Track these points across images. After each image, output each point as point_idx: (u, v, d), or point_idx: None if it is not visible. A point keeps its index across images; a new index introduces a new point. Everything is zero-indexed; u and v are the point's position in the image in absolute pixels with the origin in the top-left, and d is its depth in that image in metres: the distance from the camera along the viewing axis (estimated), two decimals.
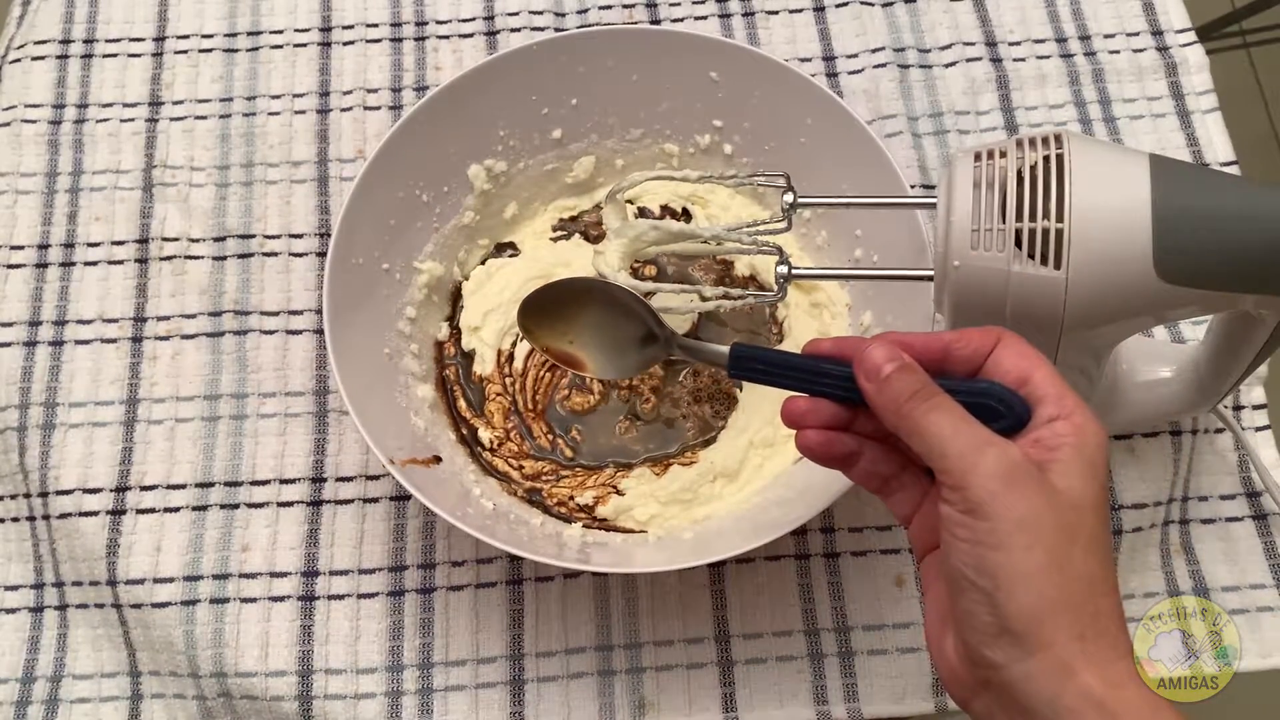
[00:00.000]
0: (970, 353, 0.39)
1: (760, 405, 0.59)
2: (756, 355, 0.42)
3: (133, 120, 0.70)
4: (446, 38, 0.72)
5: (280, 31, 0.73)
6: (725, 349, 0.43)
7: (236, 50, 0.72)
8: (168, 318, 0.64)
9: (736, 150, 0.63)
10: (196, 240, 0.66)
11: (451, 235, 0.62)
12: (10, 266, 0.66)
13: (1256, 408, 0.62)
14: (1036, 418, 0.37)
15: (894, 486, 0.41)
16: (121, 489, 0.60)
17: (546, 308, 0.50)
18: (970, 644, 0.36)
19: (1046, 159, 0.43)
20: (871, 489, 0.41)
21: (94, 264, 0.66)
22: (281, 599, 0.58)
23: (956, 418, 0.37)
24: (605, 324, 0.50)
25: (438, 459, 0.57)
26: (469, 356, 0.62)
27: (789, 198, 0.51)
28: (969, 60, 0.71)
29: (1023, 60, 0.71)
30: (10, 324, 0.64)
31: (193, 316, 0.64)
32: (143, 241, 0.66)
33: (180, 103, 0.70)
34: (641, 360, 0.50)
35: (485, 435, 0.60)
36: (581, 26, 0.72)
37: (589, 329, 0.50)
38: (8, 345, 0.64)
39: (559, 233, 0.65)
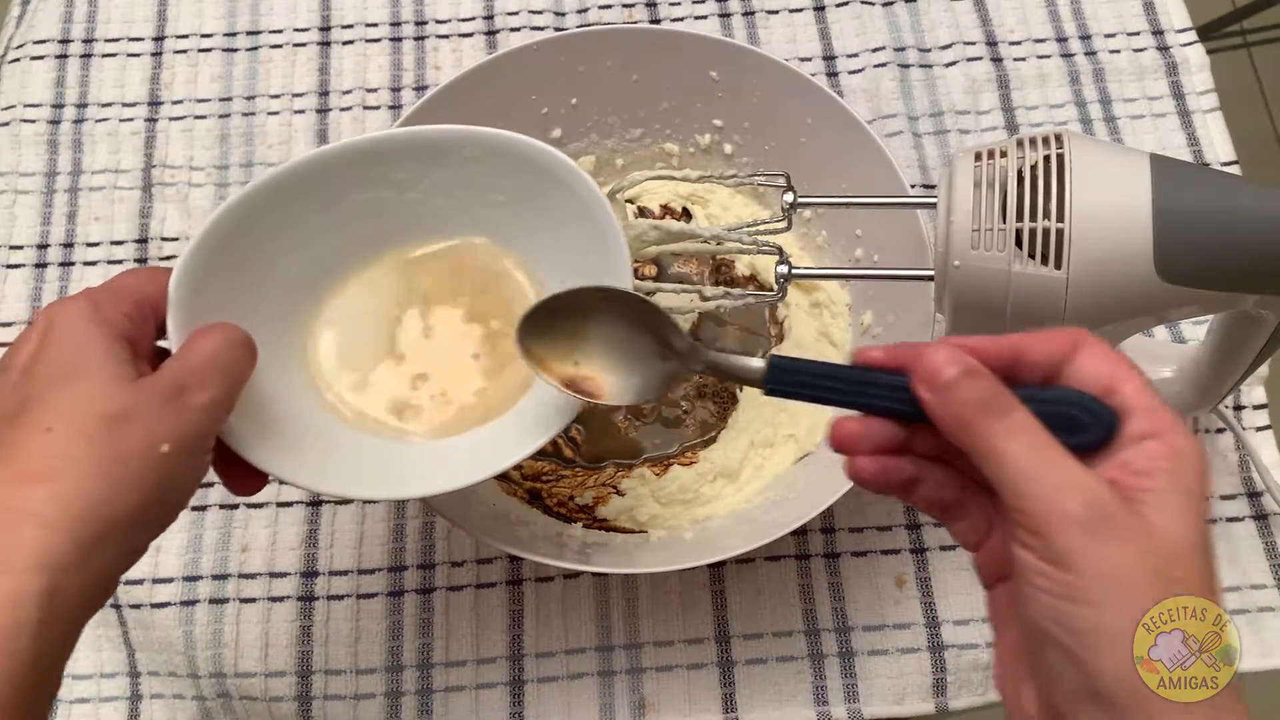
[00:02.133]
0: (1045, 358, 0.34)
1: (761, 405, 0.59)
2: (797, 368, 0.36)
3: (132, 120, 0.70)
4: (446, 37, 0.72)
5: (280, 31, 0.72)
6: (759, 364, 0.37)
7: (236, 50, 0.72)
8: None
9: (736, 150, 0.63)
10: None
11: None
12: (10, 266, 0.66)
13: (1257, 408, 0.62)
14: (1124, 434, 0.32)
15: (957, 513, 0.36)
16: None
17: (549, 325, 0.42)
18: (1055, 704, 0.31)
19: (1047, 159, 0.43)
20: (934, 516, 0.36)
21: (93, 264, 0.66)
22: (281, 599, 0.58)
23: (1037, 444, 0.32)
24: (615, 339, 0.42)
25: None
26: None
27: (789, 197, 0.51)
28: (969, 60, 0.71)
29: (1023, 60, 0.71)
30: (10, 324, 0.64)
31: None
32: (142, 241, 0.66)
33: (179, 102, 0.70)
34: (660, 379, 0.41)
35: None
36: (581, 26, 0.72)
37: (598, 347, 0.42)
38: (7, 346, 0.64)
39: None
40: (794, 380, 0.36)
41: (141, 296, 0.40)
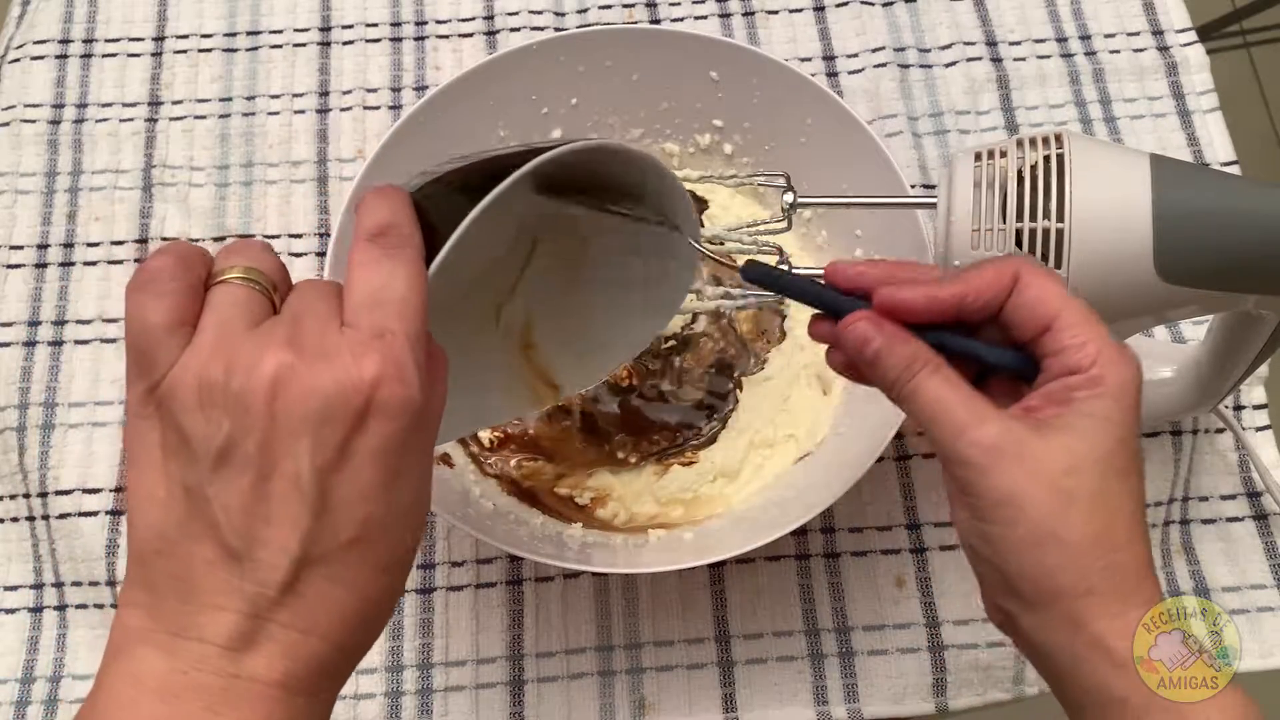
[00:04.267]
0: (983, 304, 0.37)
1: (760, 406, 0.59)
2: (769, 276, 0.41)
3: (132, 120, 0.70)
4: (446, 37, 0.72)
5: (280, 31, 0.72)
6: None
7: (236, 50, 0.72)
8: None
9: (736, 150, 0.63)
10: (196, 240, 0.66)
11: None
12: (10, 266, 0.66)
13: (1257, 408, 0.62)
14: (1054, 369, 0.36)
15: None
16: (121, 489, 0.60)
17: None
18: (987, 593, 0.38)
19: (1047, 159, 0.43)
20: None
21: (93, 264, 0.66)
22: None
23: (938, 398, 0.36)
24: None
25: (447, 456, 0.57)
26: None
27: (789, 198, 0.51)
28: (969, 60, 0.71)
29: (1023, 60, 0.71)
30: (9, 324, 0.64)
31: None
32: (142, 241, 0.66)
33: (180, 102, 0.70)
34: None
35: (485, 435, 0.60)
36: (581, 26, 0.72)
37: None
38: (7, 345, 0.64)
39: None
40: (765, 283, 0.42)
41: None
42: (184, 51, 0.72)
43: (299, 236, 0.66)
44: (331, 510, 0.30)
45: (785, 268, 0.42)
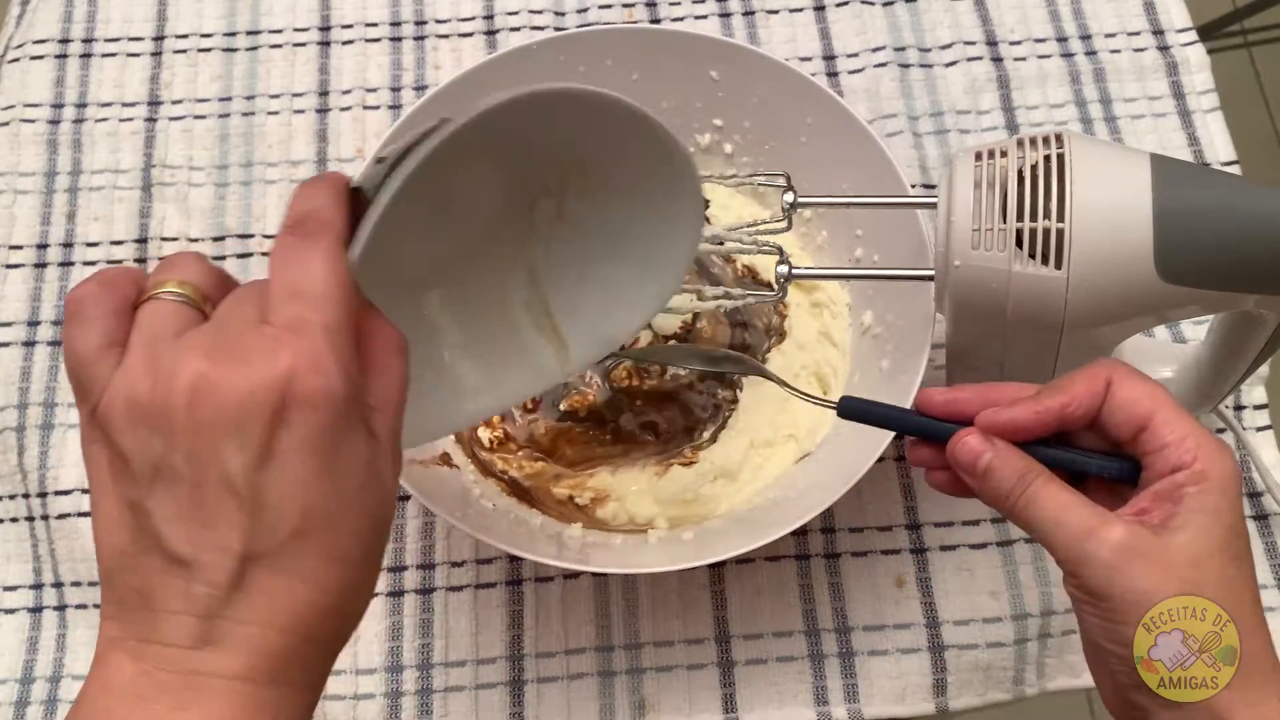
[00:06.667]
0: (1083, 412, 0.39)
1: (761, 406, 0.59)
2: (865, 410, 0.43)
3: (131, 120, 0.70)
4: (446, 37, 0.72)
5: (279, 31, 0.72)
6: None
7: (235, 50, 0.72)
8: None
9: (736, 150, 0.63)
10: (195, 240, 0.66)
11: None
12: (9, 266, 0.66)
13: (1257, 408, 0.62)
14: (1158, 466, 0.37)
15: None
16: None
17: None
18: (1120, 689, 0.38)
19: (1047, 158, 0.43)
20: None
21: (93, 264, 0.66)
22: None
23: (1058, 504, 0.37)
24: None
25: (447, 456, 0.57)
26: None
27: (789, 197, 0.51)
28: (970, 59, 0.71)
29: (1023, 59, 0.71)
30: (9, 324, 0.64)
31: None
32: (141, 241, 0.66)
33: (179, 102, 0.70)
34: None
35: (485, 435, 0.60)
36: (581, 26, 0.72)
37: None
38: (6, 345, 0.64)
39: None
40: (861, 418, 0.43)
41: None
42: (183, 51, 0.72)
43: None
44: (267, 506, 0.30)
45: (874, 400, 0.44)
